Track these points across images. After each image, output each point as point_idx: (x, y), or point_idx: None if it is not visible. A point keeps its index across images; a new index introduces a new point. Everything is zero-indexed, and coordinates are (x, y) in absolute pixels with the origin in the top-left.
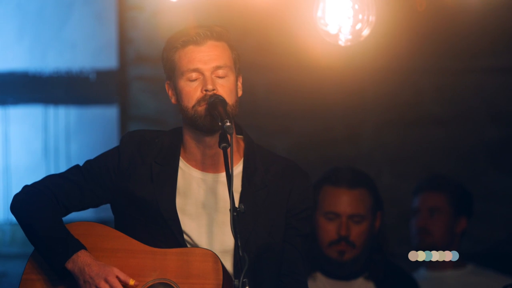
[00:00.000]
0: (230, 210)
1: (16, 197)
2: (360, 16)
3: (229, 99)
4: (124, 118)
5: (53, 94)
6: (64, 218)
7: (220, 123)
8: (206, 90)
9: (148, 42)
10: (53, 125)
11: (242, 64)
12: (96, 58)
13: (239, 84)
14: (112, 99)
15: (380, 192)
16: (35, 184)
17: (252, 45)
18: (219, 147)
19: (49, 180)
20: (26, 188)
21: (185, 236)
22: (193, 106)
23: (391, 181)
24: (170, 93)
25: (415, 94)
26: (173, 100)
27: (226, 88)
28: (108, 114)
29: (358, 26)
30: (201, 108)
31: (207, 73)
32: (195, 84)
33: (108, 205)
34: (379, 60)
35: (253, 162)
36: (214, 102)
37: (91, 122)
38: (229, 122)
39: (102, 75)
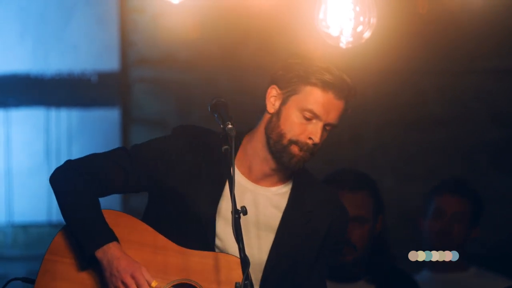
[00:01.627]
0: (231, 212)
1: (58, 170)
2: (361, 18)
3: (319, 146)
4: (126, 120)
5: (55, 96)
6: None
7: (221, 126)
8: (310, 139)
9: (150, 44)
10: (55, 127)
11: (244, 67)
12: (97, 60)
13: None
14: (114, 101)
15: (381, 192)
16: (79, 160)
17: (254, 47)
18: (221, 149)
19: (94, 159)
20: (69, 163)
21: (216, 240)
22: (290, 140)
23: (392, 181)
24: (272, 100)
25: (416, 95)
26: (270, 109)
27: (322, 139)
28: (110, 116)
29: (359, 28)
30: (295, 149)
31: (321, 124)
32: (305, 122)
33: (116, 204)
34: (380, 62)
35: (302, 184)
36: (216, 104)
37: (93, 124)
38: (231, 125)
39: (104, 77)
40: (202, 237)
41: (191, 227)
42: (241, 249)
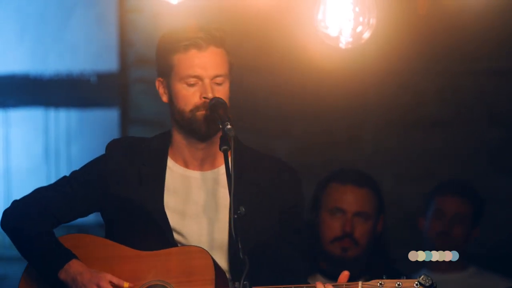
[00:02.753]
0: (230, 212)
1: (6, 212)
2: (361, 19)
3: (222, 98)
4: (125, 120)
5: (54, 97)
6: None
7: (221, 126)
8: (205, 98)
9: (149, 45)
10: (54, 128)
11: (242, 67)
12: (96, 61)
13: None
14: (112, 102)
15: (381, 193)
16: (24, 198)
17: (253, 48)
18: (220, 149)
19: (38, 193)
20: (15, 203)
21: (176, 235)
22: (191, 111)
23: (392, 182)
24: (161, 91)
25: (415, 96)
26: (164, 99)
27: (223, 95)
28: (109, 117)
29: (359, 28)
30: (200, 114)
31: (207, 80)
32: (193, 89)
33: None
34: (379, 62)
35: (241, 160)
36: (215, 105)
37: (92, 124)
38: (230, 125)
39: (103, 78)
40: (160, 235)
41: (148, 228)
42: (241, 249)
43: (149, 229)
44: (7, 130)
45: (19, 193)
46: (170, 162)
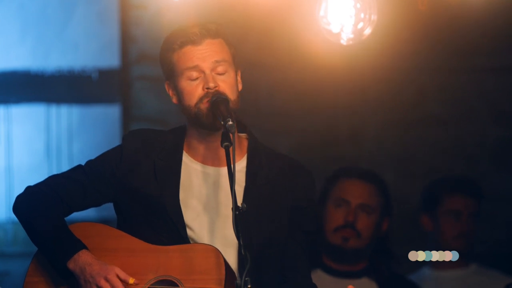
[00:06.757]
0: (232, 209)
1: (19, 198)
2: (362, 15)
3: (231, 94)
4: (127, 117)
5: (56, 93)
6: (67, 218)
7: (222, 122)
8: (207, 88)
9: (151, 41)
10: (55, 125)
11: (244, 63)
12: (98, 57)
13: (239, 78)
14: (114, 99)
15: (389, 194)
16: (37, 184)
17: (254, 44)
18: (221, 146)
19: (52, 180)
20: (28, 188)
21: (188, 230)
22: (196, 104)
23: (394, 180)
24: (170, 93)
25: (417, 94)
26: (174, 100)
27: (227, 84)
28: (110, 114)
29: (360, 25)
30: (204, 106)
31: (208, 71)
32: (196, 82)
33: (111, 204)
34: (381, 59)
35: (257, 158)
36: (216, 101)
37: (93, 121)
38: (231, 121)
39: (105, 74)
40: (173, 230)
41: (161, 222)
42: (242, 246)
43: (163, 223)
44: (8, 127)
45: (20, 190)
46: (185, 156)
